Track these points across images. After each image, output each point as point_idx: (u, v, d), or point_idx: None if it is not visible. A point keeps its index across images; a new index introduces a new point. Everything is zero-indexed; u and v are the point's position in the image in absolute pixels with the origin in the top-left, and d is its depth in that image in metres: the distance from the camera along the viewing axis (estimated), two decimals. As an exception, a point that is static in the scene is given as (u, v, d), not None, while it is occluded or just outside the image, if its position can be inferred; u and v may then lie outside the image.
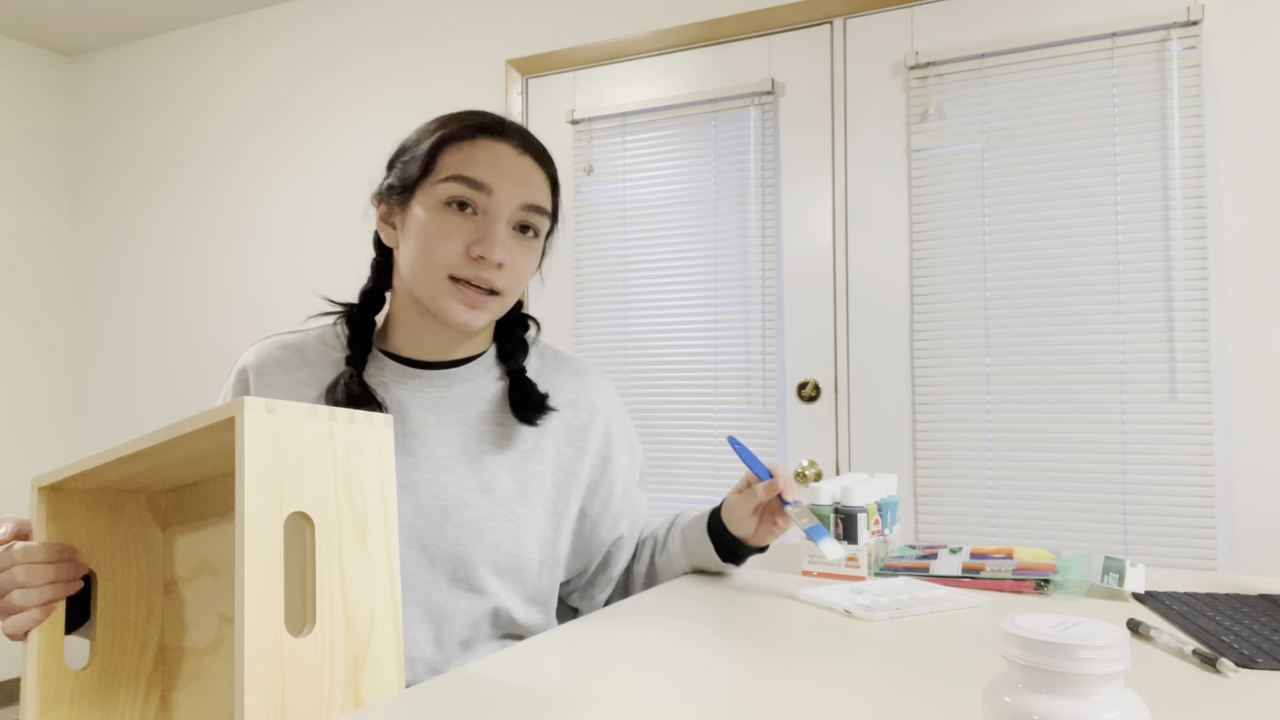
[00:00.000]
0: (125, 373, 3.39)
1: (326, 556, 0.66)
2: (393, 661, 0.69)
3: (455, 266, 0.95)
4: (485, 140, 0.98)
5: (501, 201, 0.96)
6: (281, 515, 0.63)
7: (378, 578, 0.70)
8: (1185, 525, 1.89)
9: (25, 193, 3.42)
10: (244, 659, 0.59)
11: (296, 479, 0.65)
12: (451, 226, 0.95)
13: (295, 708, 0.62)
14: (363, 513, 0.69)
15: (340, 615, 0.66)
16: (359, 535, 0.69)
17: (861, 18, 2.25)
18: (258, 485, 0.62)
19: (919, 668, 0.72)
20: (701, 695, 0.66)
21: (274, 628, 0.61)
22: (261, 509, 0.62)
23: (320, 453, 0.67)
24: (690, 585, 1.05)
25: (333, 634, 0.66)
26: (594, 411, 1.09)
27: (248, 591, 0.60)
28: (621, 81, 2.53)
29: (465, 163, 0.96)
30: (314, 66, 3.05)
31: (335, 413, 0.70)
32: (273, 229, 3.10)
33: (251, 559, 0.61)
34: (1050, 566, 1.03)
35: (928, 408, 2.14)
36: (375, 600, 0.69)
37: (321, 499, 0.67)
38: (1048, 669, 0.41)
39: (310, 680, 0.63)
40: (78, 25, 3.29)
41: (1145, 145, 1.95)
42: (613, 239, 2.50)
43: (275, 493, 0.64)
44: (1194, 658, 0.73)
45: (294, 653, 0.63)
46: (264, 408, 0.64)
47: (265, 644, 0.61)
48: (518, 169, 0.98)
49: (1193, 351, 1.90)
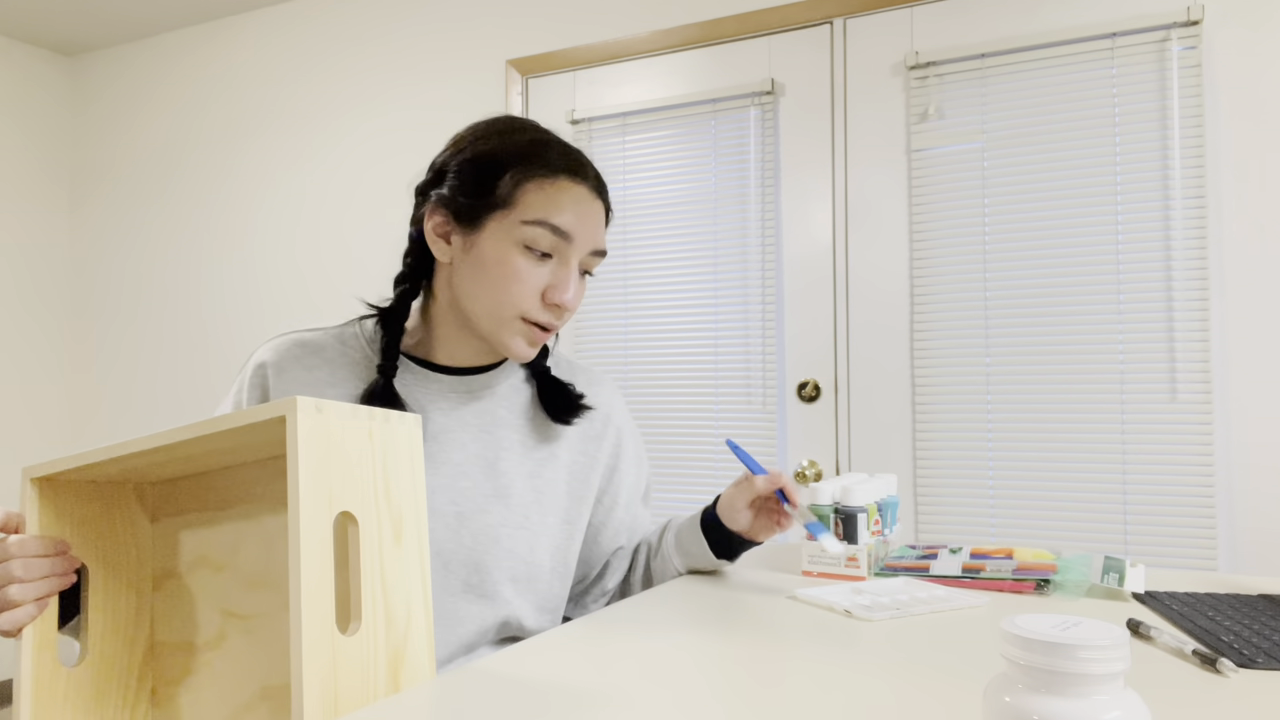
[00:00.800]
0: (125, 372, 3.39)
1: (369, 555, 0.67)
2: (426, 658, 0.71)
3: (529, 310, 0.95)
4: (569, 183, 0.96)
5: (578, 249, 0.96)
6: (331, 515, 0.64)
7: (412, 576, 0.71)
8: (1185, 525, 1.89)
9: (25, 192, 3.42)
10: (301, 655, 0.60)
11: (343, 479, 0.66)
12: (529, 270, 0.94)
13: (346, 706, 0.63)
14: (399, 512, 0.70)
15: (381, 613, 0.67)
16: (396, 534, 0.70)
17: (861, 18, 2.25)
18: (310, 485, 0.63)
19: (919, 668, 0.72)
20: (700, 695, 0.66)
21: (326, 626, 0.62)
22: (314, 509, 0.63)
23: (361, 452, 0.68)
24: (689, 585, 1.05)
25: (375, 632, 0.67)
26: (607, 421, 1.10)
27: (304, 595, 0.61)
28: (621, 81, 2.53)
29: (551, 207, 0.94)
30: (314, 66, 3.05)
31: (373, 412, 0.71)
32: (273, 228, 3.10)
33: (307, 559, 0.61)
34: (1050, 566, 1.03)
35: (928, 408, 2.14)
36: (411, 598, 0.70)
37: (363, 498, 0.68)
38: (1048, 669, 0.41)
39: (358, 678, 0.64)
40: (78, 25, 3.29)
41: (1145, 145, 1.95)
42: (613, 239, 2.50)
43: (325, 492, 0.64)
44: (1194, 658, 0.73)
45: (343, 650, 0.64)
46: (314, 407, 0.65)
47: (320, 642, 0.62)
48: (594, 216, 0.97)
49: (1193, 351, 1.90)
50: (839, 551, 1.05)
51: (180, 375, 3.27)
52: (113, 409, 3.42)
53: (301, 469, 0.63)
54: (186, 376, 3.26)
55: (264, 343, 1.13)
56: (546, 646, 0.79)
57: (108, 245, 3.46)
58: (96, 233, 3.49)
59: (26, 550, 0.77)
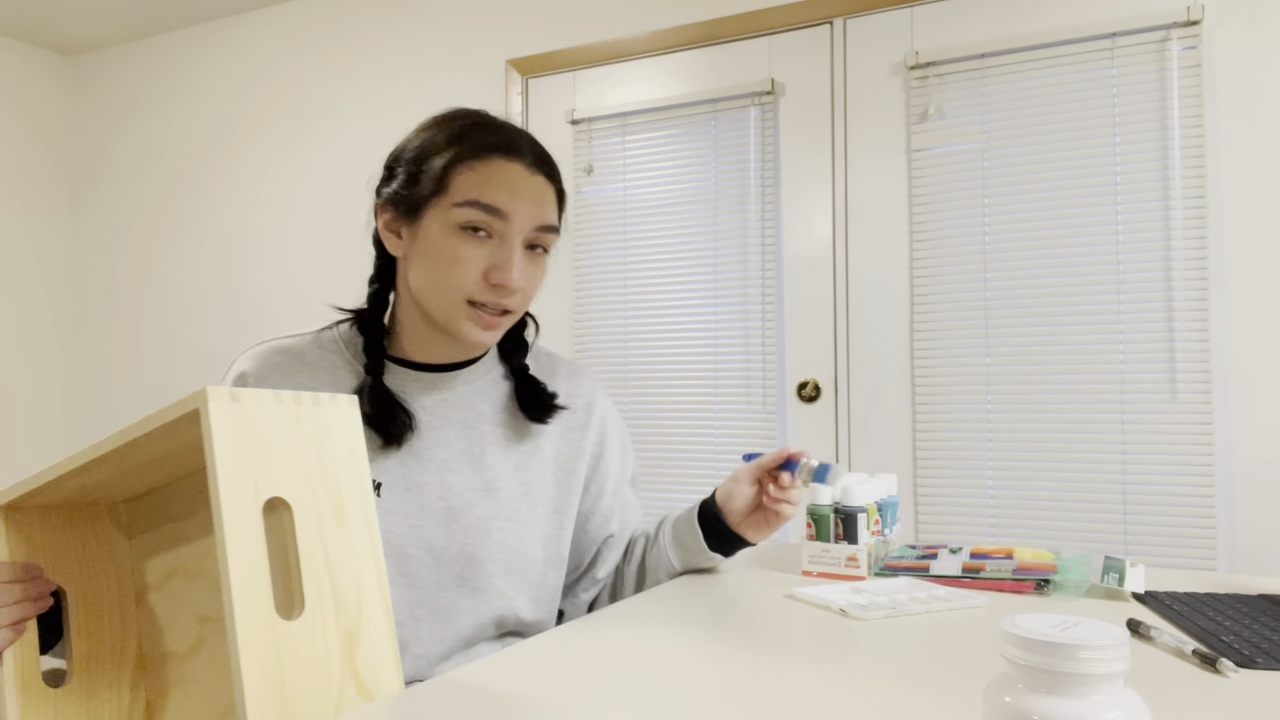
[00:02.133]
0: (125, 372, 3.39)
1: (309, 539, 0.66)
2: (386, 637, 0.69)
3: (473, 292, 0.95)
4: (499, 160, 0.96)
5: (517, 226, 0.95)
6: (258, 501, 0.63)
7: (361, 556, 0.70)
8: (1185, 525, 1.89)
9: (25, 192, 3.42)
10: (238, 645, 0.59)
11: (269, 465, 0.65)
12: (468, 251, 0.94)
13: (295, 689, 0.62)
14: (338, 493, 0.69)
15: (329, 595, 0.66)
16: (338, 516, 0.69)
17: (861, 18, 2.25)
18: (230, 472, 0.62)
19: (919, 668, 0.72)
20: (699, 694, 0.66)
21: (264, 612, 0.61)
22: (237, 496, 0.62)
23: (289, 438, 0.67)
24: (688, 585, 1.05)
25: (324, 614, 0.65)
26: (589, 410, 1.10)
27: (233, 579, 0.60)
28: (621, 81, 2.53)
29: (481, 186, 0.94)
30: (314, 66, 3.05)
31: (300, 396, 0.70)
32: (272, 228, 3.10)
33: (233, 546, 0.61)
34: (1050, 566, 1.03)
35: (928, 408, 2.14)
36: (361, 578, 0.69)
37: (297, 483, 0.67)
38: (1048, 669, 0.41)
39: (306, 661, 0.63)
40: (78, 25, 3.29)
41: (1145, 145, 1.95)
42: (613, 239, 2.50)
43: (249, 479, 0.63)
44: (1194, 658, 0.73)
45: (288, 636, 0.63)
46: (228, 396, 0.64)
47: (257, 629, 0.61)
48: (531, 191, 0.96)
49: (1193, 351, 1.90)
50: (846, 480, 1.09)
51: (180, 375, 3.27)
52: (112, 409, 3.42)
53: (218, 456, 0.62)
54: (186, 376, 3.26)
55: (242, 352, 1.13)
56: (545, 645, 0.79)
57: (107, 244, 3.46)
58: (96, 232, 3.49)
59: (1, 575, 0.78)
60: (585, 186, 2.55)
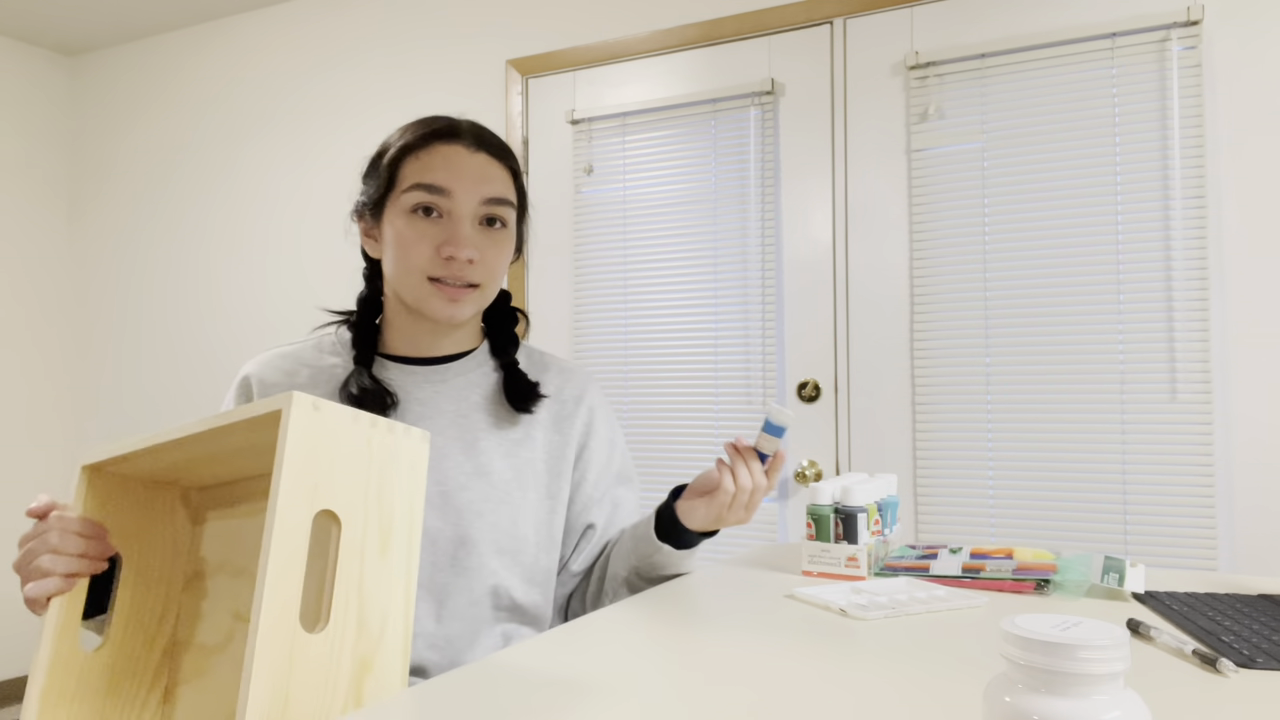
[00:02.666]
0: (125, 372, 3.39)
1: (348, 558, 0.67)
2: (398, 671, 0.70)
3: (430, 268, 1.01)
4: (439, 145, 1.04)
5: (462, 201, 1.02)
6: (312, 511, 0.65)
7: (395, 586, 0.70)
8: (1185, 525, 1.89)
9: (25, 192, 3.42)
10: (255, 647, 0.60)
11: (331, 478, 0.67)
12: (420, 232, 1.02)
13: (299, 703, 0.62)
14: (389, 521, 0.70)
15: (354, 618, 0.67)
16: (382, 542, 0.70)
17: (861, 18, 2.25)
18: (294, 478, 0.64)
19: (919, 668, 0.72)
20: (699, 694, 0.66)
21: (289, 621, 0.62)
22: (293, 502, 0.63)
23: (356, 457, 0.69)
24: (688, 585, 1.05)
25: (344, 635, 0.66)
26: (579, 402, 1.14)
27: (269, 581, 0.61)
28: (621, 81, 2.53)
29: (423, 170, 1.02)
30: (314, 67, 3.05)
31: (377, 421, 0.71)
32: (273, 228, 3.10)
33: (277, 550, 0.62)
34: (1050, 566, 1.03)
35: (928, 408, 2.14)
36: (389, 608, 0.70)
37: (351, 501, 0.68)
38: (1048, 669, 0.41)
39: (317, 678, 0.64)
40: (78, 25, 3.29)
41: (1145, 145, 1.95)
42: (613, 239, 2.50)
43: (309, 488, 0.65)
44: (1194, 658, 0.73)
45: (304, 648, 0.63)
46: (311, 405, 0.66)
47: (278, 635, 0.61)
48: (473, 167, 1.03)
49: (1193, 351, 1.90)
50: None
51: (180, 376, 3.27)
52: (112, 409, 3.42)
53: (287, 460, 0.64)
54: (187, 377, 3.26)
55: (249, 358, 1.21)
56: (542, 645, 0.79)
57: (107, 245, 3.46)
58: (96, 233, 3.49)
59: (65, 525, 0.80)
60: (585, 186, 2.55)
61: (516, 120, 2.66)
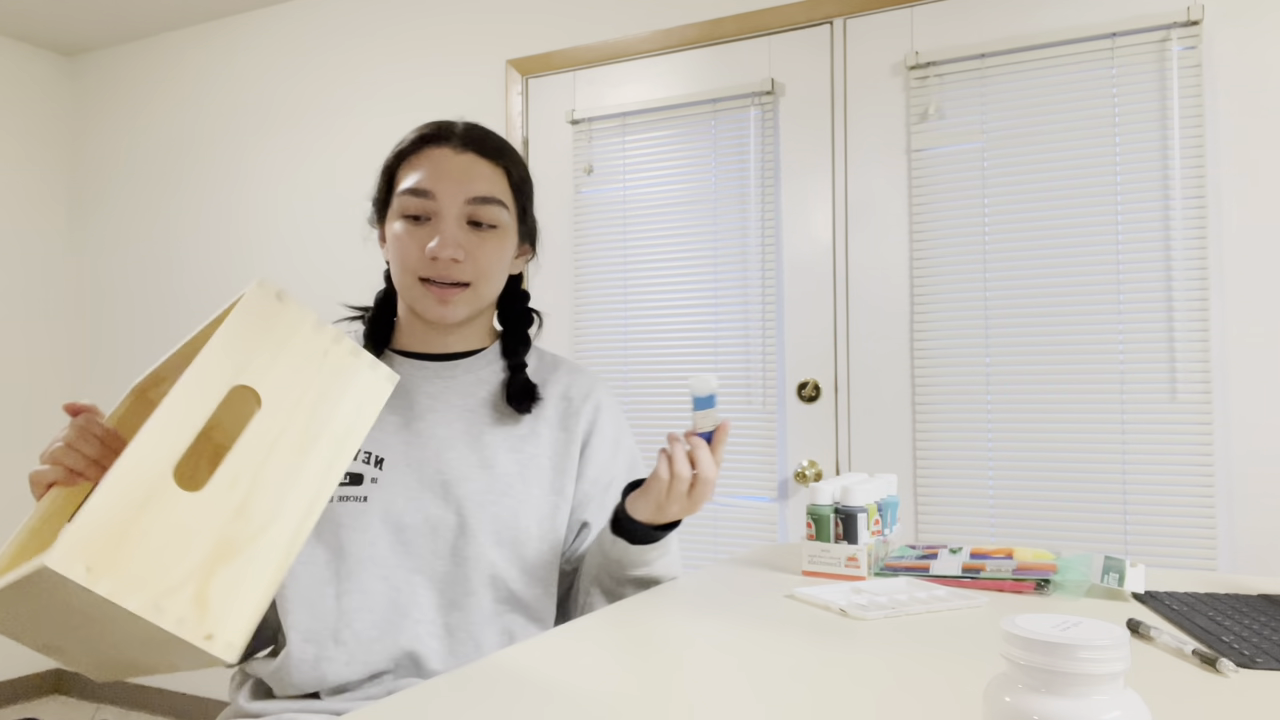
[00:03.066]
0: (125, 372, 3.39)
1: (256, 441, 0.64)
2: (264, 576, 0.63)
3: (420, 269, 1.04)
4: (428, 148, 1.07)
5: (446, 202, 1.04)
6: (231, 380, 0.64)
7: (299, 490, 0.66)
8: (1185, 525, 1.89)
9: (25, 192, 3.42)
10: (111, 472, 0.57)
11: (267, 362, 0.65)
12: (410, 235, 1.05)
13: (135, 548, 0.57)
14: (318, 430, 0.68)
15: (237, 497, 0.62)
16: (302, 444, 0.67)
17: (861, 18, 2.25)
18: (225, 344, 0.64)
19: (919, 668, 0.72)
20: (698, 694, 0.66)
21: (159, 466, 0.59)
22: (215, 363, 0.63)
23: (306, 358, 0.68)
24: (688, 585, 1.05)
25: (216, 508, 0.61)
26: (585, 401, 1.15)
27: (154, 419, 0.59)
28: (621, 81, 2.53)
29: (411, 175, 1.06)
30: (314, 67, 3.05)
31: (343, 338, 0.70)
32: (273, 228, 3.10)
33: (176, 396, 0.61)
34: (1050, 566, 1.03)
35: (928, 408, 2.14)
36: (283, 507, 0.65)
37: (281, 393, 0.66)
38: (1048, 669, 0.41)
39: (167, 535, 0.59)
40: (78, 25, 3.29)
41: (1145, 145, 1.95)
42: (613, 239, 2.50)
43: (238, 359, 0.64)
44: (1194, 658, 0.73)
45: (166, 499, 0.59)
46: (274, 294, 0.66)
47: (142, 474, 0.58)
48: (457, 168, 1.05)
49: (1193, 351, 1.90)
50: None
51: (180, 375, 3.27)
52: (112, 409, 3.42)
53: (225, 325, 0.64)
54: (186, 376, 3.26)
55: None
56: (545, 646, 0.79)
57: (106, 244, 3.46)
58: (95, 232, 3.49)
59: (89, 427, 0.83)
60: (585, 186, 2.55)
61: (516, 120, 2.66)
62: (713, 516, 2.36)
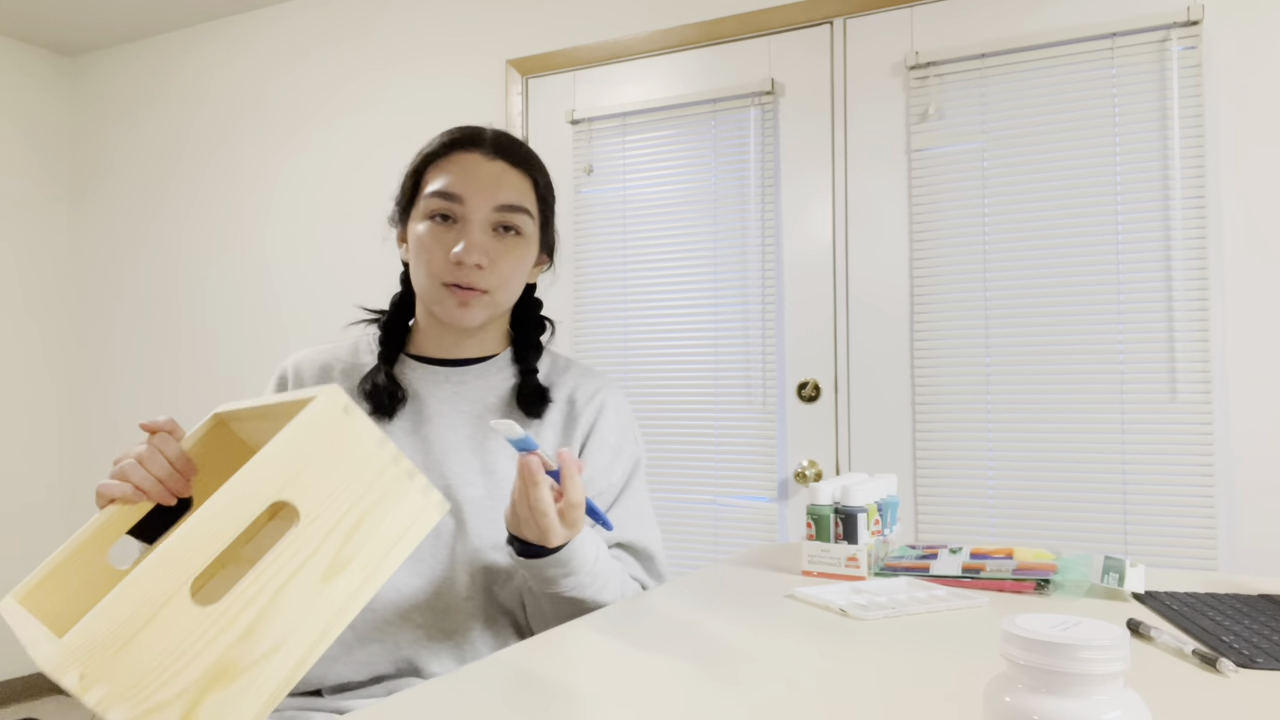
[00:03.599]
0: (125, 371, 3.39)
1: (283, 563, 0.61)
2: (255, 706, 0.60)
3: (443, 273, 1.04)
4: (458, 153, 1.07)
5: (474, 207, 1.04)
6: (274, 494, 0.61)
7: (314, 620, 0.62)
8: (1185, 525, 1.89)
9: (25, 192, 3.42)
10: (134, 574, 0.56)
11: (315, 478, 0.63)
12: (435, 238, 1.05)
13: (133, 657, 0.56)
14: (351, 555, 0.64)
15: (246, 620, 0.60)
16: (330, 570, 0.63)
17: (861, 18, 2.25)
18: (279, 456, 0.61)
19: (918, 668, 0.72)
20: (698, 694, 0.66)
21: (177, 575, 0.57)
22: (263, 475, 0.61)
23: (356, 476, 0.65)
24: (686, 585, 1.05)
25: (222, 628, 0.59)
26: (588, 403, 1.14)
27: (184, 527, 0.58)
28: (621, 81, 2.53)
29: (441, 178, 1.06)
30: (314, 67, 3.05)
31: (400, 459, 0.67)
32: (272, 228, 3.10)
33: (214, 505, 0.58)
34: (1050, 566, 1.03)
35: (928, 408, 2.14)
36: (293, 638, 0.61)
37: (323, 511, 0.63)
38: (1048, 669, 0.41)
39: (167, 647, 0.57)
40: (78, 25, 3.29)
41: (1145, 145, 1.95)
42: (613, 239, 2.50)
43: (289, 473, 0.62)
44: (1194, 658, 0.73)
45: (175, 611, 0.57)
46: (343, 406, 0.64)
47: (159, 581, 0.56)
48: (487, 175, 1.05)
49: (1193, 351, 1.90)
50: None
51: (181, 375, 3.27)
52: (112, 409, 3.42)
53: (285, 436, 0.61)
54: (187, 377, 3.26)
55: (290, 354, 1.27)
56: (543, 646, 0.79)
57: (107, 245, 3.46)
58: (96, 232, 3.49)
59: (161, 447, 0.82)
60: (585, 186, 2.55)
61: (516, 120, 2.66)
62: (713, 516, 2.36)
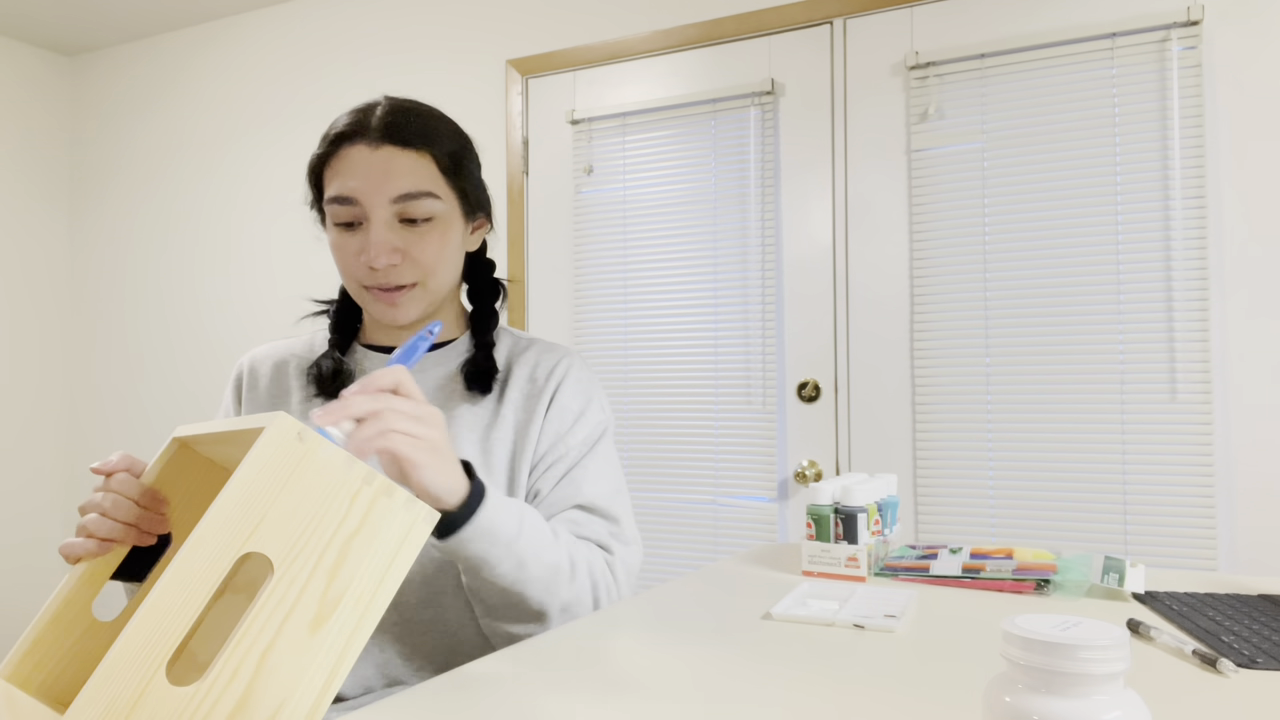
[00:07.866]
0: (124, 372, 3.39)
1: (265, 617, 0.55)
2: None
3: (362, 278, 1.02)
4: (345, 148, 1.01)
5: (371, 205, 0.99)
6: (239, 549, 0.54)
7: (313, 673, 0.56)
8: (1185, 525, 1.89)
9: (25, 192, 3.42)
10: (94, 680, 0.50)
11: (282, 520, 0.56)
12: (344, 244, 1.02)
13: None
14: (339, 594, 0.58)
15: (239, 690, 0.54)
16: (319, 616, 0.56)
17: (861, 18, 2.25)
18: (235, 507, 0.54)
19: (918, 668, 0.72)
20: (696, 695, 0.66)
21: (148, 663, 0.51)
22: (222, 531, 0.54)
23: (328, 507, 0.58)
24: (685, 585, 1.05)
25: (215, 706, 0.53)
26: (549, 378, 1.10)
27: (142, 610, 0.51)
28: (621, 81, 2.53)
29: (335, 181, 1.00)
30: (313, 66, 3.05)
31: (374, 477, 0.60)
32: (272, 228, 3.10)
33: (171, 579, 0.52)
34: (1050, 566, 1.03)
35: (928, 408, 2.14)
36: (293, 697, 0.56)
37: (297, 555, 0.56)
38: (1048, 669, 0.41)
39: None
40: (78, 25, 3.29)
41: (1145, 145, 1.95)
42: (613, 239, 2.50)
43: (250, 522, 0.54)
44: (1194, 658, 0.73)
45: (157, 701, 0.51)
46: (295, 433, 0.57)
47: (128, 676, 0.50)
48: (375, 168, 0.99)
49: (1193, 351, 1.90)
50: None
51: (180, 376, 3.27)
52: (111, 409, 3.42)
53: (236, 482, 0.54)
54: (187, 376, 3.26)
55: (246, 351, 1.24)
56: (530, 651, 0.79)
57: (107, 244, 3.46)
58: (96, 233, 3.49)
59: (123, 489, 0.75)
60: (585, 186, 2.55)
61: (516, 120, 2.66)
62: (713, 516, 2.36)
